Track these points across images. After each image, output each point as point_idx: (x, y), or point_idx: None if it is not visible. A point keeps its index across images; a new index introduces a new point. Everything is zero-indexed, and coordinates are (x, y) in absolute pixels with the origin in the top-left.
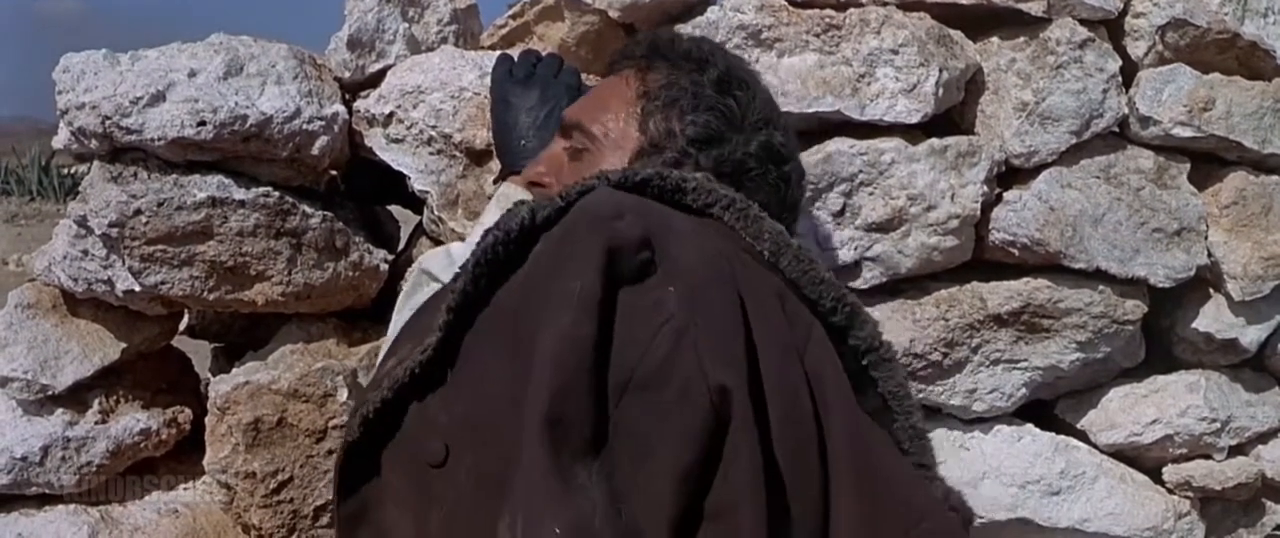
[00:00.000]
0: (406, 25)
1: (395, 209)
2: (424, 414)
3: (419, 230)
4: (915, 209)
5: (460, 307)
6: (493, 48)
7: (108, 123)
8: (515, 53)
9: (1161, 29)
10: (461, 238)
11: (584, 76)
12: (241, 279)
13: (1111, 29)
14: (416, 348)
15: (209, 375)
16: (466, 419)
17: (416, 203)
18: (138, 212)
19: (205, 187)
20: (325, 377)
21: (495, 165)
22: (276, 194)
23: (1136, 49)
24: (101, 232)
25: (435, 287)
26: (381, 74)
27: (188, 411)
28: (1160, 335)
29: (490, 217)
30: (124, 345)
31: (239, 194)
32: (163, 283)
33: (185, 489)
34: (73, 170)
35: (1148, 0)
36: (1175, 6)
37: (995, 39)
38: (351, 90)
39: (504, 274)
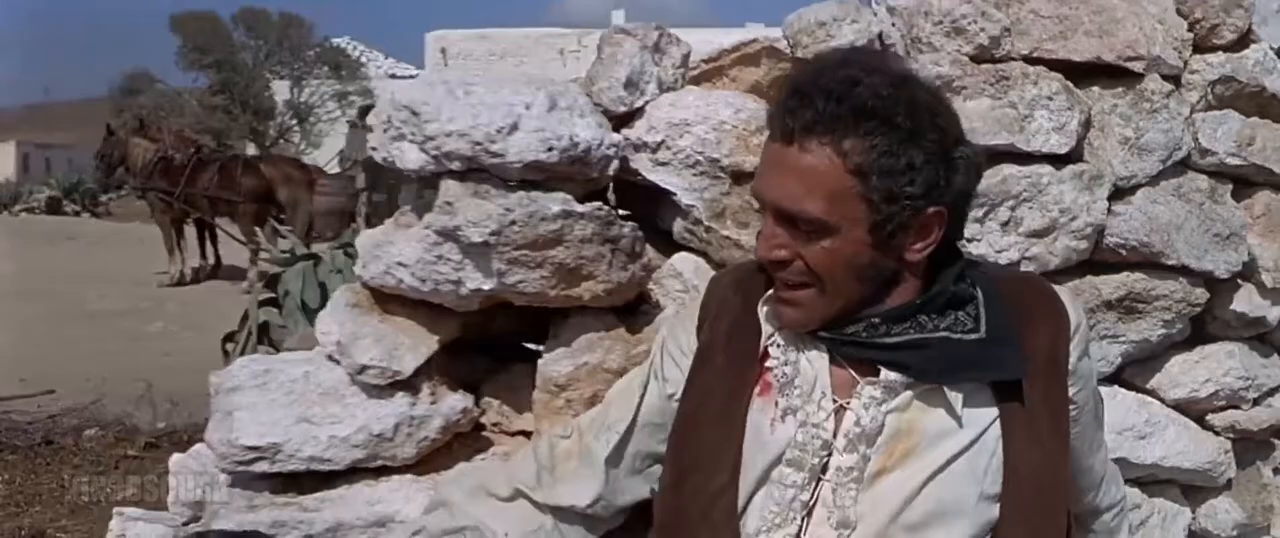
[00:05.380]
0: (656, 69)
1: None
2: None
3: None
4: (1063, 220)
5: None
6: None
7: (478, 148)
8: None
9: (1213, 83)
10: (736, 243)
11: None
12: (575, 278)
13: (1172, 82)
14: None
15: None
16: None
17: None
18: (512, 222)
19: (556, 202)
20: (643, 359)
21: None
22: (604, 208)
23: (1191, 97)
24: (480, 239)
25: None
26: (641, 109)
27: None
28: (1196, 316)
29: None
30: (437, 337)
31: (579, 208)
32: (520, 282)
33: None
34: None
35: (1202, 61)
36: (1225, 67)
37: (1096, 88)
38: (614, 122)
39: None
